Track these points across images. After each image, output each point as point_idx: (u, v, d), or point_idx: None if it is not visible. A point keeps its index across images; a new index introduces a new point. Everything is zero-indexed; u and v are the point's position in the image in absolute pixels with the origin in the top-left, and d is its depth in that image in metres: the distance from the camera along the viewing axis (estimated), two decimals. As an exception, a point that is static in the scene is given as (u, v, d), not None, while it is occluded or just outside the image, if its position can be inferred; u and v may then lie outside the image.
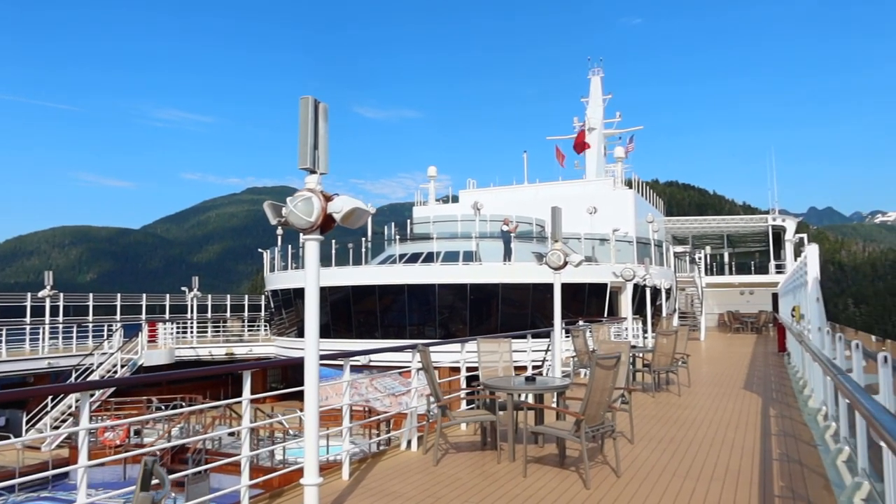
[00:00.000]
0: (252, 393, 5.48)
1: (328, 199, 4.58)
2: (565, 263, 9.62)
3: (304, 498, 4.71)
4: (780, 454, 7.54)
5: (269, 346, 31.73)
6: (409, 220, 33.42)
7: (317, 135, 4.62)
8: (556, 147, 41.05)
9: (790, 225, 38.59)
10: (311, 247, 4.68)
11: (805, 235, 37.38)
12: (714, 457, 7.28)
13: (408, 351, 8.14)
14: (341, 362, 6.94)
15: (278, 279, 30.10)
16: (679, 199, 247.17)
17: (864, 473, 5.51)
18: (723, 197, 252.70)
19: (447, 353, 14.15)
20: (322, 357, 4.81)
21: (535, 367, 12.89)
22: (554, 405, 7.65)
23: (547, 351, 13.36)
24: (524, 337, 11.64)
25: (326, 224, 4.59)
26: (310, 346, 4.69)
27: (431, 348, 7.65)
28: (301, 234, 4.65)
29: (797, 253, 34.18)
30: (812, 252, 12.20)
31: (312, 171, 4.60)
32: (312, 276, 4.71)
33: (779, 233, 39.07)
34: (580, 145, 38.38)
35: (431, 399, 7.31)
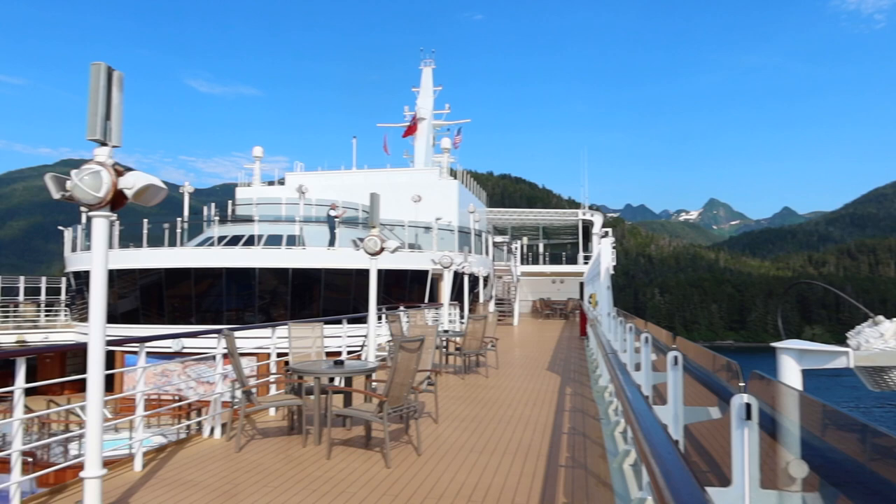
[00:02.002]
0: (41, 384, 5.03)
1: (120, 173, 4.29)
2: (382, 249, 9.78)
3: (85, 492, 4.41)
4: (570, 428, 8.26)
5: (68, 332, 28.93)
6: (230, 202, 32.03)
7: (109, 105, 4.31)
8: (384, 135, 41.34)
9: (598, 219, 42.01)
10: (98, 224, 4.37)
11: (610, 230, 40.91)
12: (510, 433, 7.82)
13: (213, 336, 7.88)
14: (136, 348, 6.56)
15: (80, 260, 27.52)
16: (512, 191, 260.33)
17: (632, 442, 6.21)
18: (551, 191, 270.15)
19: (265, 339, 13.81)
20: (112, 343, 4.52)
21: (350, 353, 12.99)
22: (364, 388, 7.79)
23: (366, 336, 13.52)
24: (340, 322, 11.68)
25: (117, 201, 4.30)
26: (94, 331, 4.38)
27: (243, 333, 7.46)
28: (87, 211, 4.33)
29: None
30: (605, 245, 13.39)
31: (103, 144, 4.29)
32: (100, 256, 4.40)
33: (588, 226, 42.37)
34: (411, 129, 38.94)
35: (237, 385, 7.14)
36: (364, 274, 24.11)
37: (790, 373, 3.12)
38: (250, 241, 25.63)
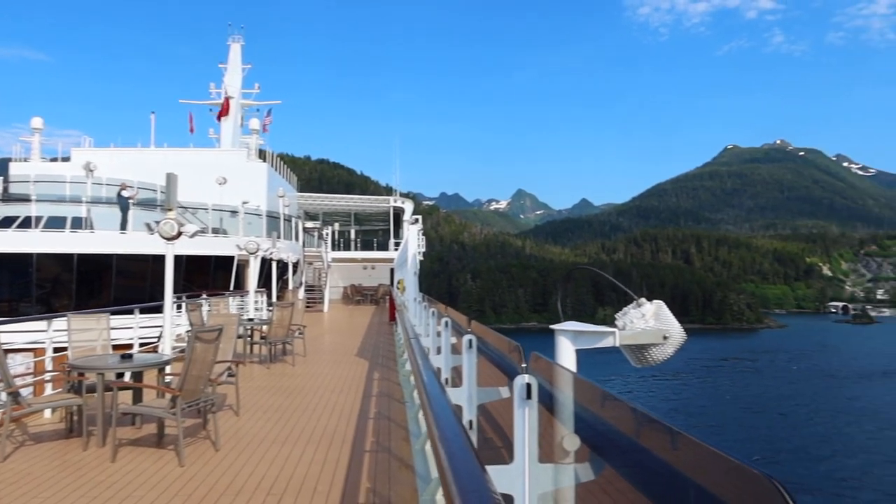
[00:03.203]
0: None
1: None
2: (179, 234, 9.17)
3: None
4: (376, 413, 8.36)
5: None
6: (1, 179, 28.18)
7: None
8: (189, 113, 38.68)
9: (409, 207, 42.66)
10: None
11: (420, 217, 41.91)
12: (315, 421, 7.74)
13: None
14: None
15: None
16: (330, 176, 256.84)
17: (433, 424, 6.41)
18: (369, 178, 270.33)
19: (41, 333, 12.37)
20: None
21: (145, 346, 12.05)
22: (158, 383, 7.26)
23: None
24: (132, 312, 10.79)
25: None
26: None
27: (13, 327, 6.61)
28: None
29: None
30: (413, 232, 13.72)
31: None
32: None
33: (399, 213, 42.95)
34: (225, 108, 36.77)
35: (1, 386, 6.32)
36: (161, 260, 22.44)
37: (566, 353, 3.38)
38: (27, 224, 22.75)
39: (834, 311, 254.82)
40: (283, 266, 23.73)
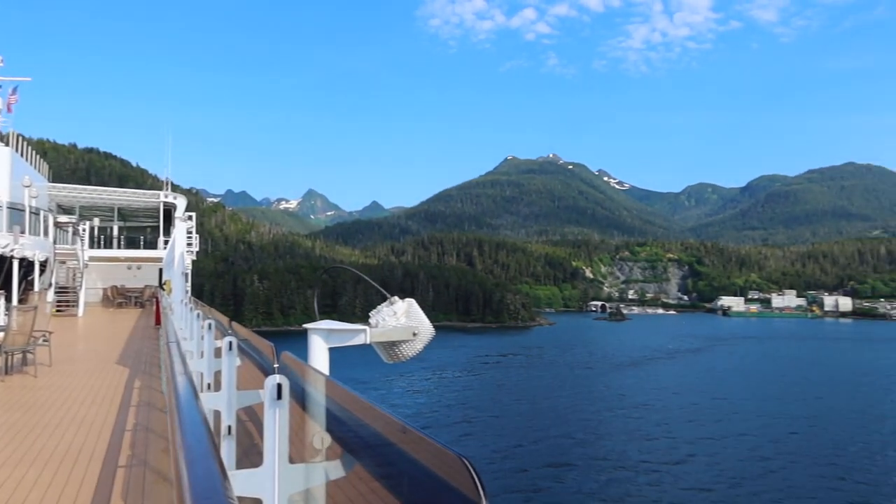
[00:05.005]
0: None
1: None
2: None
3: None
4: (134, 424, 7.69)
5: None
6: None
7: None
8: None
9: (181, 203, 39.65)
10: None
11: (193, 214, 39.29)
12: (59, 438, 6.93)
13: None
14: None
15: None
16: (100, 167, 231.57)
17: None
18: (146, 171, 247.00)
19: None
20: None
21: None
22: None
23: None
24: None
25: None
26: None
27: None
28: None
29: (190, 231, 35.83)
30: (180, 229, 12.88)
31: None
32: None
33: (170, 209, 39.81)
34: None
35: None
36: None
37: (319, 351, 3.36)
38: None
39: (594, 309, 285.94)
40: (27, 265, 20.89)
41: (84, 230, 32.75)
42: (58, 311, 17.41)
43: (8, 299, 18.10)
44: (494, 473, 39.10)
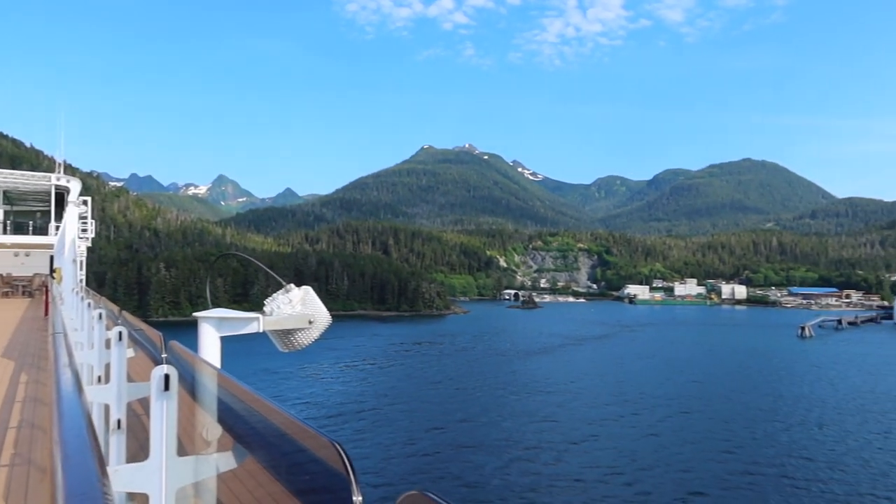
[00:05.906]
0: None
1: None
2: None
3: None
4: (20, 421, 7.27)
5: None
6: None
7: None
8: None
9: (75, 186, 37.39)
10: None
11: (89, 198, 37.13)
12: (-72, 440, 6.44)
13: None
14: None
15: None
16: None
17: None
18: (42, 153, 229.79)
19: None
20: None
21: None
22: None
23: None
24: None
25: None
26: None
27: None
28: None
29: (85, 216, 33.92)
30: (72, 214, 12.21)
31: None
32: None
33: (63, 193, 37.52)
34: None
35: None
36: None
37: (210, 340, 3.27)
38: None
39: (507, 297, 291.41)
40: None
41: (-37, 215, 30.49)
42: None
43: None
44: (401, 458, 39.50)
